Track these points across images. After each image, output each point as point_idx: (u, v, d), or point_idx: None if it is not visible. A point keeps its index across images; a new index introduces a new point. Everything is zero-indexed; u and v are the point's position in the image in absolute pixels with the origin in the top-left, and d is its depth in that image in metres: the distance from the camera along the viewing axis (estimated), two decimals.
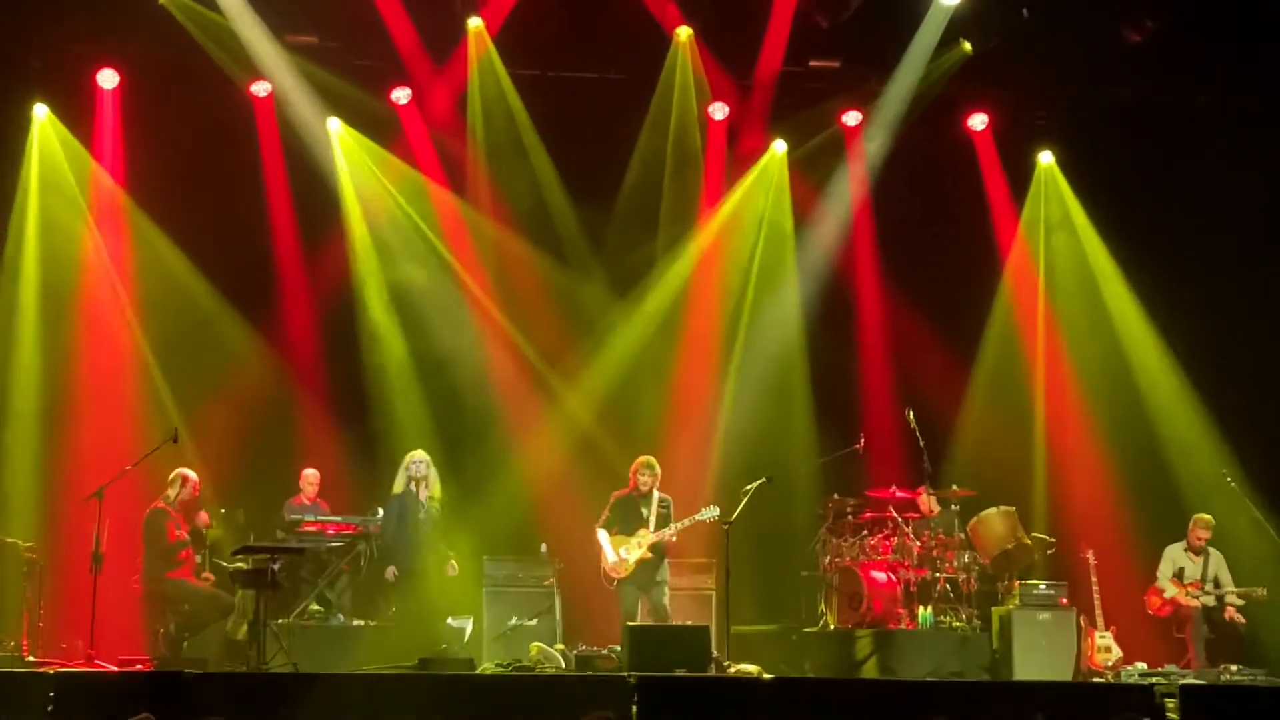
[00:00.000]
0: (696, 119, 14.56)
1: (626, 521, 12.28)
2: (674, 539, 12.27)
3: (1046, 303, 15.01)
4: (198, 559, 12.26)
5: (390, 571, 12.63)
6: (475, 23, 13.96)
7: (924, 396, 13.76)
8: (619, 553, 12.16)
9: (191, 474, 12.21)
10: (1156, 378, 14.48)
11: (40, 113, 13.83)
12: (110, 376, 13.69)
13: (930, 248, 14.51)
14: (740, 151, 14.89)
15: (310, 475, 13.20)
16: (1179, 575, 12.92)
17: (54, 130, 13.88)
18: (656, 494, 12.34)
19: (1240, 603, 12.75)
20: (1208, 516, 12.98)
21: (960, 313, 14.60)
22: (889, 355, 14.63)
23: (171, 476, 12.16)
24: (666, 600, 12.28)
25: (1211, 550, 12.96)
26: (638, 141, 14.51)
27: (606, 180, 14.48)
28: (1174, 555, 13.01)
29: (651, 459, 12.43)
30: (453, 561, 12.68)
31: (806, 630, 13.18)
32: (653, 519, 12.22)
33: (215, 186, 13.53)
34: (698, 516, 12.18)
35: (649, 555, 12.16)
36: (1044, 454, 14.65)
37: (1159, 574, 13.01)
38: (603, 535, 12.29)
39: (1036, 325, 14.98)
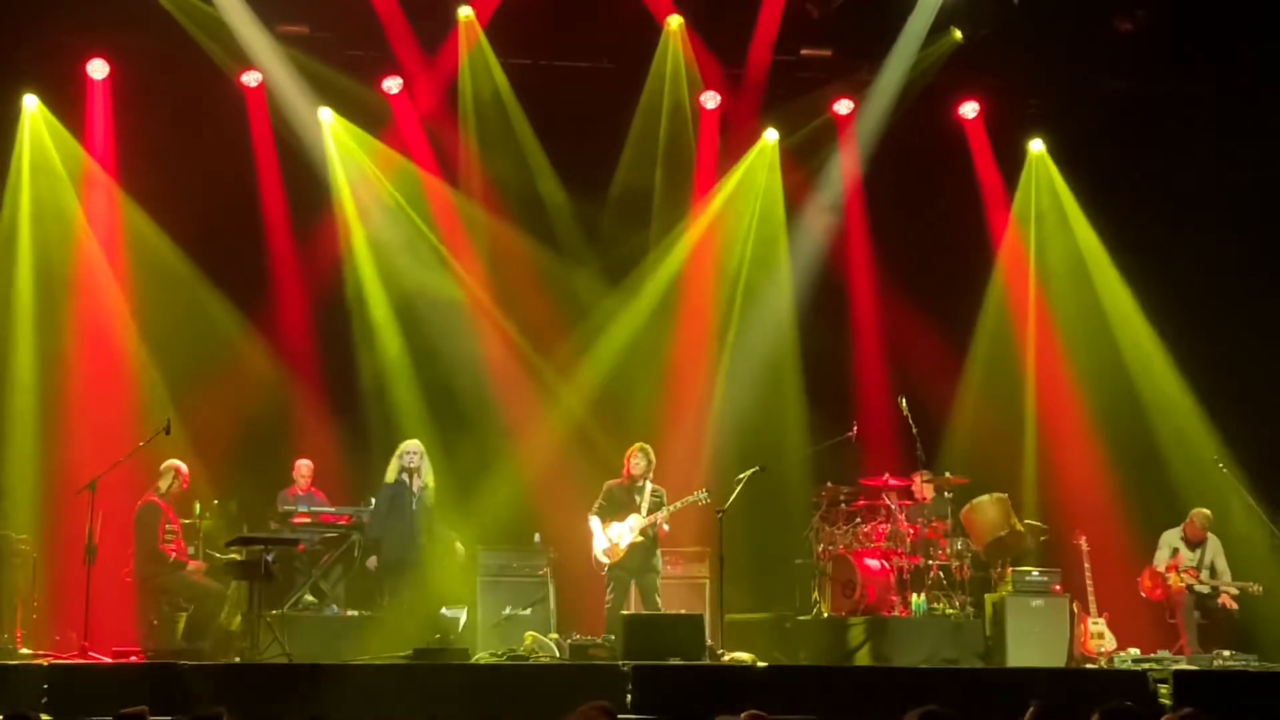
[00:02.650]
0: (688, 108, 14.55)
1: (619, 509, 12.28)
2: (666, 528, 12.27)
3: (1038, 290, 15.02)
4: (190, 549, 12.28)
5: (371, 562, 12.66)
6: (465, 12, 13.94)
7: (917, 384, 13.77)
8: (609, 537, 12.17)
9: (182, 465, 12.25)
10: (1149, 364, 14.50)
11: (30, 103, 13.79)
12: (103, 367, 13.66)
13: (922, 235, 14.49)
14: (732, 140, 14.88)
15: (303, 466, 13.19)
16: (1175, 562, 12.93)
17: (44, 121, 13.84)
18: (649, 484, 12.35)
19: (1234, 591, 12.77)
20: (1206, 511, 12.99)
21: (952, 300, 14.60)
22: (881, 343, 14.63)
23: (163, 468, 12.20)
24: (658, 588, 12.29)
25: (1209, 535, 12.98)
26: (630, 131, 14.49)
27: (599, 169, 14.46)
28: (1171, 541, 13.03)
29: (646, 446, 12.43)
30: (458, 544, 12.69)
31: (800, 618, 13.18)
32: (645, 506, 12.22)
33: (207, 176, 13.48)
34: (689, 499, 12.18)
35: (640, 539, 12.16)
36: (1037, 440, 14.66)
37: (1156, 559, 13.02)
38: (594, 521, 12.28)
39: (1028, 312, 14.98)
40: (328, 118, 14.23)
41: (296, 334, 14.09)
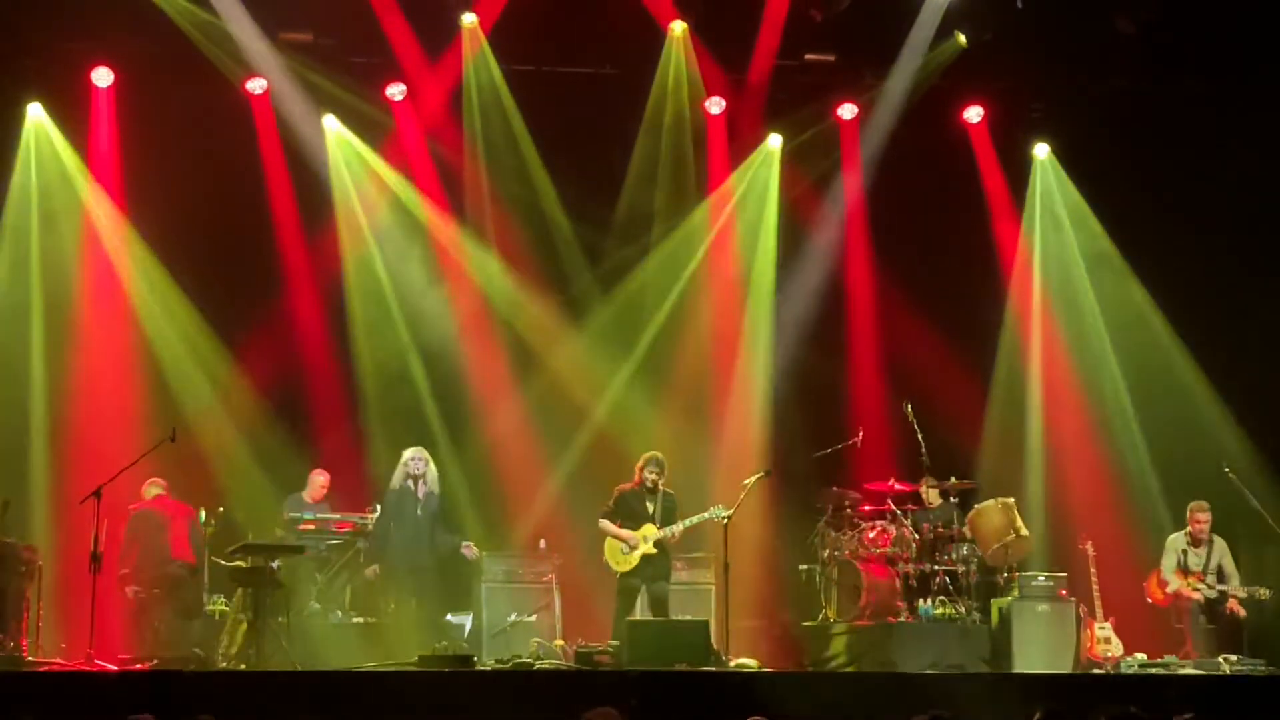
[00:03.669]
0: (693, 114, 14.52)
1: (630, 516, 12.28)
2: (676, 538, 12.28)
3: (1043, 294, 14.99)
4: None
5: (371, 571, 12.64)
6: (469, 19, 13.95)
7: (922, 389, 13.73)
8: (622, 544, 12.16)
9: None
10: (1154, 367, 14.47)
11: (35, 111, 13.81)
12: (108, 375, 13.66)
13: (927, 239, 14.49)
14: (735, 146, 14.86)
15: (319, 476, 13.16)
16: (1183, 566, 12.87)
17: (49, 129, 13.85)
18: (662, 490, 12.35)
19: (1243, 595, 12.71)
20: (1203, 503, 12.97)
21: (957, 305, 14.54)
22: (887, 349, 14.59)
23: (161, 484, 12.23)
24: (668, 595, 12.28)
25: (1216, 539, 12.91)
26: (634, 136, 14.46)
27: (603, 174, 14.44)
28: (1176, 545, 12.96)
29: (659, 454, 12.43)
30: (468, 544, 12.67)
31: (805, 624, 13.16)
32: (658, 515, 12.22)
33: (212, 184, 13.46)
34: (705, 515, 12.19)
35: (653, 551, 12.17)
36: (1043, 446, 14.63)
37: (1163, 567, 12.95)
38: (606, 524, 12.29)
39: (1033, 316, 14.96)
40: (332, 125, 14.24)
41: (303, 341, 14.05)
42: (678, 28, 14.17)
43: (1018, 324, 14.95)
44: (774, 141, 14.85)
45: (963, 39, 14.09)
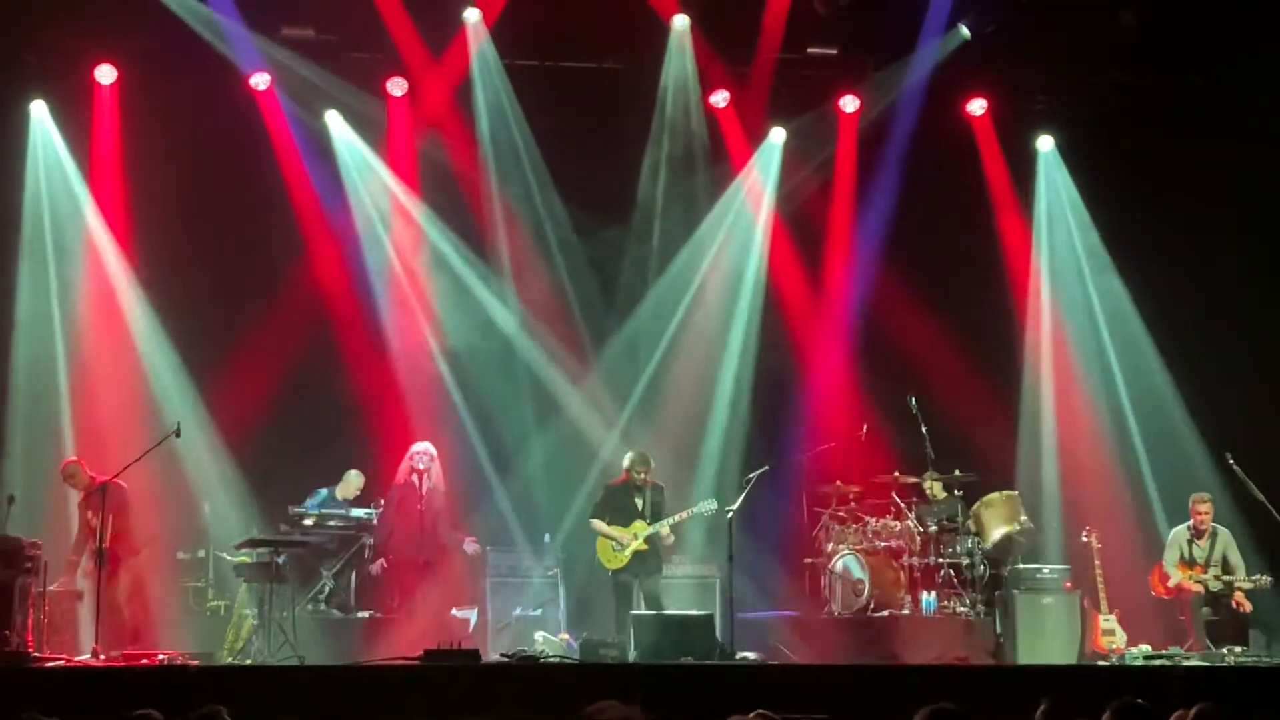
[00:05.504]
0: (698, 108, 14.51)
1: (619, 512, 12.33)
2: (672, 538, 12.29)
3: (1048, 287, 14.98)
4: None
5: (375, 567, 12.64)
6: (472, 14, 13.95)
7: (926, 382, 13.72)
8: (613, 543, 12.18)
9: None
10: (1157, 360, 14.46)
11: (38, 109, 13.83)
12: (115, 369, 13.69)
13: (930, 234, 14.47)
14: (739, 139, 14.85)
15: (355, 478, 13.18)
16: (1186, 558, 12.86)
17: (53, 126, 13.87)
18: (650, 485, 12.37)
19: (1248, 587, 12.70)
20: (1205, 494, 12.96)
21: (960, 297, 14.50)
22: (890, 341, 14.58)
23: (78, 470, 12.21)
24: (660, 590, 12.31)
25: (1220, 529, 12.91)
26: (640, 130, 14.47)
27: (609, 169, 14.42)
28: (1180, 538, 12.97)
29: (644, 451, 12.49)
30: (471, 539, 12.66)
31: (810, 617, 13.17)
32: (647, 510, 12.25)
33: (214, 181, 13.50)
34: (695, 510, 12.22)
35: (644, 547, 12.19)
36: (1047, 438, 14.63)
37: (1165, 560, 12.96)
38: (598, 524, 12.33)
39: (1038, 309, 14.95)
40: (335, 120, 14.24)
41: (309, 337, 13.99)
42: (680, 21, 14.16)
43: (1022, 316, 14.93)
44: (777, 135, 14.84)
45: (966, 31, 14.07)
